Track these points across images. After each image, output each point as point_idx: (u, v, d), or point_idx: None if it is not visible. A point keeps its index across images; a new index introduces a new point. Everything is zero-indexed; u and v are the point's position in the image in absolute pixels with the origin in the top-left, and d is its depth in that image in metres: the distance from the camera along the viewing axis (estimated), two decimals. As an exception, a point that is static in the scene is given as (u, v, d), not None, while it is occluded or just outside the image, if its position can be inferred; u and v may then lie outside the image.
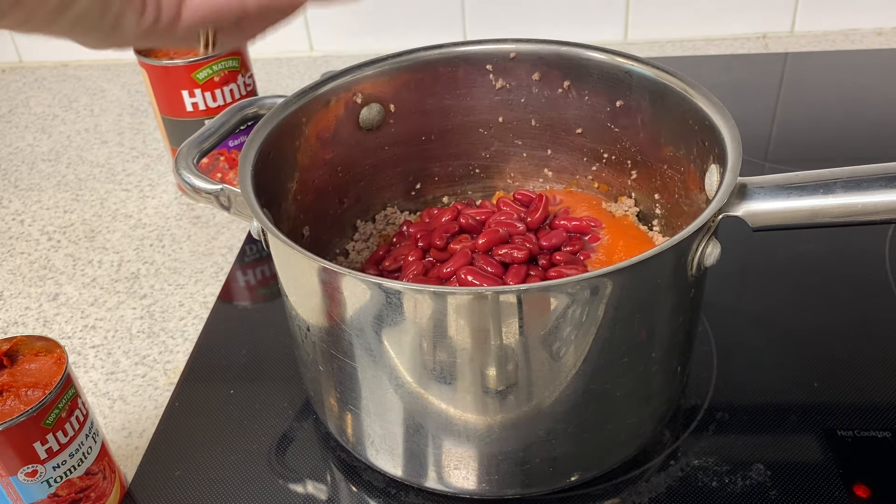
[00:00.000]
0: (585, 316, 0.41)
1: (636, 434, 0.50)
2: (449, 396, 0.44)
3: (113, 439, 0.57)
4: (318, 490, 0.52)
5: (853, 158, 0.46)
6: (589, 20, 1.05)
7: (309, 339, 0.48)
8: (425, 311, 0.40)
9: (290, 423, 0.57)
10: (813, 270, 0.67)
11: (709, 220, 0.42)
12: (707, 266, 0.44)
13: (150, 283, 0.72)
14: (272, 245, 0.48)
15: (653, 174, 0.59)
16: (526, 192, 0.62)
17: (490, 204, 0.63)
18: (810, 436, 0.53)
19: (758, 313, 0.63)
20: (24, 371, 0.47)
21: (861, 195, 0.43)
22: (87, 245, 0.78)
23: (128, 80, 1.09)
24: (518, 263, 0.53)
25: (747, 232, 0.45)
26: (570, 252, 0.56)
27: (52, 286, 0.73)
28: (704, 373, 0.58)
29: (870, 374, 0.57)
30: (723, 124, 0.48)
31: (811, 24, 1.05)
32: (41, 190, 0.87)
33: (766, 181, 0.45)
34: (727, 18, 1.05)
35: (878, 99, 0.91)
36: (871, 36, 1.04)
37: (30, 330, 0.68)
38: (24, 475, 0.45)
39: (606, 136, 0.60)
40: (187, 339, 0.66)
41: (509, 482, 0.48)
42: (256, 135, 0.51)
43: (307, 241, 0.58)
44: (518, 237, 0.56)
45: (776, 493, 0.49)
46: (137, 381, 0.62)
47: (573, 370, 0.43)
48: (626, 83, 0.56)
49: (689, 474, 0.51)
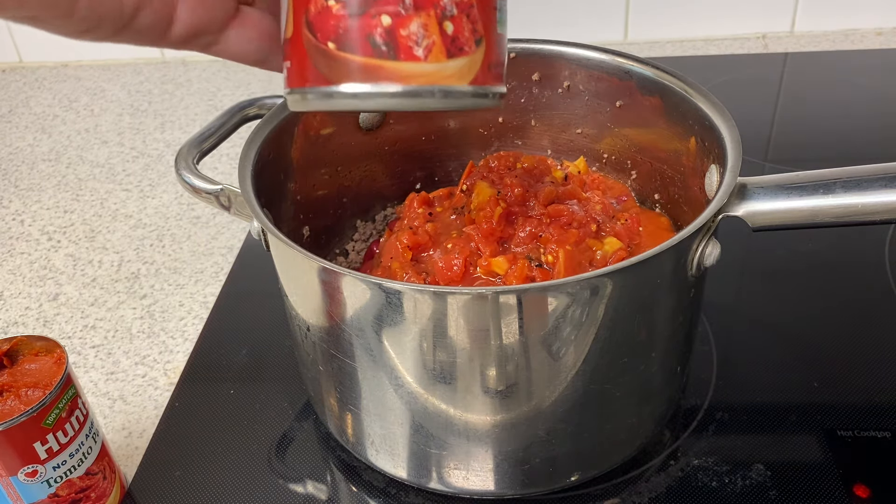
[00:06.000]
0: (585, 316, 0.41)
1: (636, 434, 0.50)
2: (449, 396, 0.44)
3: (113, 439, 0.57)
4: (318, 490, 0.52)
5: (853, 158, 0.46)
6: (589, 20, 1.05)
7: (309, 339, 0.48)
8: (425, 311, 0.40)
9: (290, 423, 0.57)
10: (813, 270, 0.67)
11: (709, 220, 0.42)
12: (707, 266, 0.44)
13: (151, 283, 0.72)
14: (272, 245, 0.48)
15: (653, 174, 0.59)
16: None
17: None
18: (810, 436, 0.53)
19: (758, 313, 0.63)
20: (25, 371, 0.47)
21: (861, 195, 0.43)
22: (88, 245, 0.78)
23: (128, 81, 1.09)
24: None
25: (747, 232, 0.45)
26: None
27: (53, 286, 0.73)
28: (704, 373, 0.58)
29: (870, 374, 0.57)
30: (722, 124, 0.48)
31: (811, 25, 1.05)
32: (41, 190, 0.87)
33: (766, 181, 0.45)
34: (727, 19, 1.05)
35: (878, 99, 0.91)
36: (870, 36, 1.04)
37: (30, 330, 0.68)
38: (25, 475, 0.45)
39: (606, 136, 0.60)
40: (187, 339, 0.66)
41: (509, 482, 0.48)
42: (256, 135, 0.51)
43: (307, 241, 0.58)
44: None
45: (776, 494, 0.49)
46: (137, 381, 0.62)
47: (573, 370, 0.43)
48: (626, 83, 0.56)
49: (688, 474, 0.51)
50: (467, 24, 0.31)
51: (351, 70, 0.31)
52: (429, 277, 0.51)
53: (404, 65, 0.30)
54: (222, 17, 0.36)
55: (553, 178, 0.57)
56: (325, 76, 0.31)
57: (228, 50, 0.37)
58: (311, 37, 0.31)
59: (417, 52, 0.30)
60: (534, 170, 0.57)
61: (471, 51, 0.31)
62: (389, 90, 0.31)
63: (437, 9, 0.30)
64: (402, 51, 0.30)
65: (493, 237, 0.51)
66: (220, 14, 0.35)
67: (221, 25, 0.36)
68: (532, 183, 0.55)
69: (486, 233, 0.50)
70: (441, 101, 0.31)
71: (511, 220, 0.52)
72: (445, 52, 0.30)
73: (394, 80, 0.30)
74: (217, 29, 0.36)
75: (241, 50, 0.37)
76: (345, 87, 0.31)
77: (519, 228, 0.51)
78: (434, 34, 0.30)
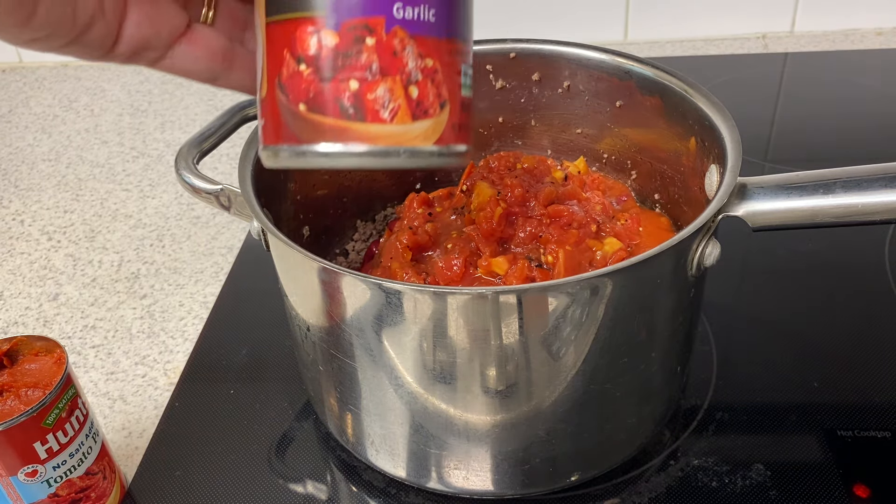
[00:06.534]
0: (585, 316, 0.41)
1: (636, 434, 0.50)
2: (449, 396, 0.44)
3: (113, 439, 0.57)
4: (318, 490, 0.52)
5: (853, 158, 0.46)
6: (589, 20, 1.05)
7: (309, 339, 0.48)
8: (425, 311, 0.40)
9: (290, 423, 0.57)
10: (813, 270, 0.67)
11: (709, 220, 0.42)
12: (707, 266, 0.44)
13: (151, 283, 0.72)
14: (272, 245, 0.48)
15: (653, 174, 0.59)
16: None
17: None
18: (810, 436, 0.53)
19: (758, 313, 0.63)
20: (25, 371, 0.47)
21: (861, 195, 0.43)
22: (88, 245, 0.78)
23: (128, 80, 1.09)
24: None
25: (747, 232, 0.45)
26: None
27: (53, 286, 0.73)
28: (704, 373, 0.58)
29: (870, 375, 0.57)
30: (722, 124, 0.48)
31: (811, 24, 1.05)
32: (41, 190, 0.87)
33: (766, 181, 0.45)
34: (727, 18, 1.05)
35: (878, 99, 0.91)
36: (870, 36, 1.04)
37: (30, 330, 0.68)
38: (25, 475, 0.45)
39: (606, 136, 0.60)
40: (187, 339, 0.66)
41: (509, 482, 0.48)
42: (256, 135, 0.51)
43: (307, 241, 0.58)
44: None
45: (776, 494, 0.49)
46: (137, 382, 0.62)
47: (573, 370, 0.43)
48: (626, 83, 0.56)
49: (688, 474, 0.51)
50: (432, 88, 0.33)
51: (321, 131, 0.32)
52: (429, 277, 0.51)
53: (371, 126, 0.32)
54: (169, 33, 0.35)
55: (553, 178, 0.57)
56: (296, 135, 0.33)
57: (175, 66, 0.36)
58: (284, 98, 0.33)
59: (384, 115, 0.32)
60: (534, 170, 0.57)
61: (435, 113, 0.33)
62: (357, 150, 0.32)
63: (403, 74, 0.32)
64: (369, 113, 0.32)
65: (493, 237, 0.51)
66: (166, 30, 0.35)
67: (169, 42, 0.36)
68: (532, 183, 0.55)
69: (487, 233, 0.50)
70: (407, 160, 0.33)
71: (511, 220, 0.52)
72: (411, 115, 0.32)
73: (361, 140, 0.32)
74: (164, 45, 0.35)
75: (189, 67, 0.37)
76: (315, 147, 0.32)
77: (519, 229, 0.51)
78: (400, 98, 0.32)
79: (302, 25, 0.32)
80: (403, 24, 0.32)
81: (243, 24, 0.38)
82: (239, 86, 0.38)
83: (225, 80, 0.38)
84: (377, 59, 0.32)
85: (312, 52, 0.32)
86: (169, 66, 0.36)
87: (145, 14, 0.34)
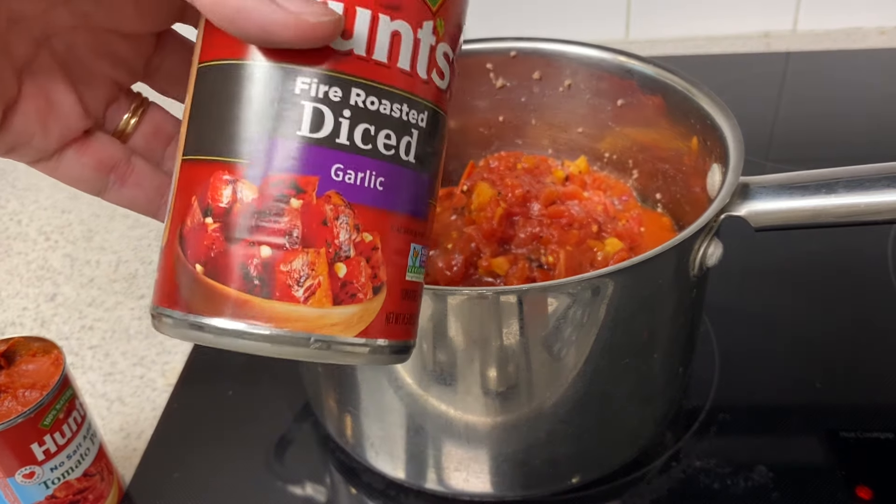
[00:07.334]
0: (586, 317, 0.41)
1: (637, 435, 0.50)
2: (449, 398, 0.44)
3: (111, 440, 0.57)
4: (318, 492, 0.52)
5: (856, 158, 0.46)
6: (590, 19, 1.05)
7: (308, 340, 0.48)
8: (425, 311, 0.40)
9: (290, 424, 0.57)
10: (815, 271, 0.67)
11: (711, 220, 0.42)
12: (709, 266, 0.44)
13: (149, 284, 0.72)
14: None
15: (654, 174, 0.59)
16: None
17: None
18: (813, 437, 0.52)
19: (760, 314, 0.63)
20: (22, 372, 0.46)
21: (863, 195, 0.43)
22: (85, 245, 0.78)
23: (127, 80, 1.09)
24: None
25: (749, 232, 0.45)
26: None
27: (50, 286, 0.72)
28: (706, 374, 0.57)
29: (873, 376, 0.56)
30: (725, 123, 0.48)
31: (813, 23, 1.04)
32: (38, 190, 0.87)
33: (769, 181, 0.44)
34: (729, 17, 1.04)
35: (881, 98, 0.90)
36: (873, 35, 1.04)
37: (27, 330, 0.68)
38: (22, 477, 0.45)
39: (608, 135, 0.60)
40: (186, 339, 0.65)
41: (510, 484, 0.48)
42: None
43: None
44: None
45: (778, 495, 0.49)
46: (135, 382, 0.62)
47: (574, 371, 0.43)
48: (628, 82, 0.56)
49: (690, 476, 0.51)
50: (366, 268, 0.27)
51: (215, 301, 0.26)
52: (429, 277, 0.50)
53: (277, 304, 0.26)
54: (60, 135, 0.31)
55: (554, 178, 0.57)
56: (186, 302, 0.27)
57: (58, 172, 0.32)
58: (181, 253, 0.27)
59: (296, 293, 0.26)
60: (534, 170, 0.57)
61: (365, 298, 0.27)
62: (254, 331, 0.26)
63: (331, 248, 0.26)
64: (278, 289, 0.26)
65: (493, 238, 0.50)
66: (57, 132, 0.31)
67: (57, 145, 0.31)
68: (533, 184, 0.54)
69: (487, 233, 0.50)
70: (317, 351, 0.27)
71: (512, 220, 0.52)
72: (331, 298, 0.26)
73: (261, 320, 0.26)
74: (50, 148, 0.31)
75: (73, 174, 0.32)
76: (203, 319, 0.26)
77: (519, 229, 0.51)
78: (321, 275, 0.26)
79: (217, 171, 0.26)
80: (342, 188, 0.26)
81: (166, 140, 0.34)
82: (129, 204, 0.34)
83: (115, 195, 0.34)
84: (300, 225, 0.26)
85: (223, 203, 0.26)
86: (53, 171, 0.32)
87: (35, 108, 0.30)
